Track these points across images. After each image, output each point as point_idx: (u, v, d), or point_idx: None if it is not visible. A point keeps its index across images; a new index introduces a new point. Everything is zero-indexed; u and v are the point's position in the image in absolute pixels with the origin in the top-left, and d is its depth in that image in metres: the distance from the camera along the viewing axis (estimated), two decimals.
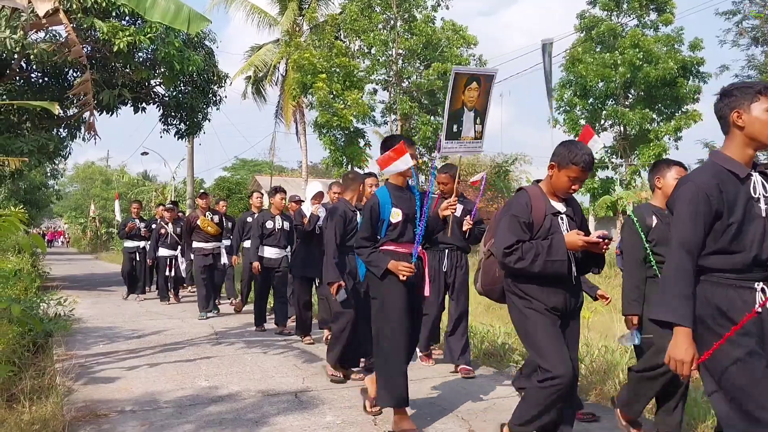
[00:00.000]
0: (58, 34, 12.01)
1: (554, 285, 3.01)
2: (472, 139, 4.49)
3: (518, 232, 2.99)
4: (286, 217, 7.60)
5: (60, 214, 54.53)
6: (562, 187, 3.06)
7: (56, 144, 12.50)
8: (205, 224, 8.69)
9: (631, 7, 20.75)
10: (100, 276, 17.31)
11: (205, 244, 8.78)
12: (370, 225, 3.87)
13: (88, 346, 6.47)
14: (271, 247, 7.49)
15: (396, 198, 3.92)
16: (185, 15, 4.58)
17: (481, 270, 3.37)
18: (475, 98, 4.37)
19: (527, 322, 3.03)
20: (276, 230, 7.48)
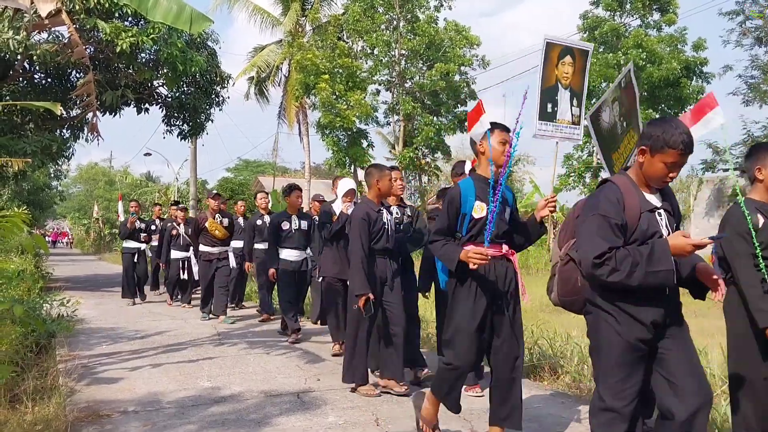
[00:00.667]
0: (61, 35, 12.03)
1: (653, 296, 2.48)
2: (569, 124, 4.00)
3: (610, 236, 2.45)
4: (304, 216, 7.19)
5: (63, 215, 54.65)
6: (656, 176, 2.52)
7: (59, 145, 12.51)
8: (213, 227, 8.27)
9: (634, 8, 20.70)
10: (103, 277, 17.34)
11: (211, 248, 8.41)
12: (448, 218, 3.43)
13: (91, 347, 6.47)
14: (289, 249, 6.99)
15: (481, 190, 3.41)
16: (187, 15, 4.58)
17: (557, 278, 2.86)
18: (570, 75, 3.95)
19: (610, 351, 2.51)
20: (293, 231, 6.98)
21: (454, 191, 3.47)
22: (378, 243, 4.66)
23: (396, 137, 22.21)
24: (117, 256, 28.66)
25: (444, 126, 21.09)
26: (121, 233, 10.97)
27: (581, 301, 2.70)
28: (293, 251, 7.00)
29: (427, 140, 20.56)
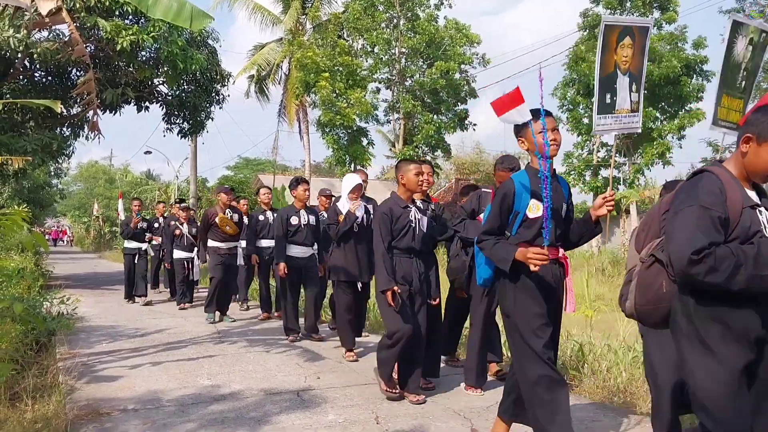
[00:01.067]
0: (61, 33, 12.03)
1: (760, 305, 2.14)
2: (627, 112, 3.74)
3: (710, 231, 2.10)
4: (311, 211, 6.95)
5: (63, 213, 54.66)
6: (763, 169, 2.21)
7: (59, 143, 12.52)
8: (224, 223, 8.10)
9: (634, 6, 20.68)
10: (103, 275, 17.34)
11: (221, 243, 8.20)
12: (499, 216, 3.11)
13: (90, 345, 6.48)
14: (297, 245, 6.75)
15: (537, 186, 3.06)
16: (187, 12, 4.58)
17: (635, 283, 2.44)
18: (630, 58, 3.68)
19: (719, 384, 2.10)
20: (302, 226, 6.75)
21: (508, 185, 3.13)
22: (401, 241, 4.36)
23: (396, 135, 22.21)
24: (117, 254, 28.64)
25: (444, 124, 21.08)
26: (124, 233, 10.70)
27: (664, 311, 2.33)
28: (300, 247, 6.77)
29: (427, 138, 20.54)
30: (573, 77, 21.42)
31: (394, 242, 4.34)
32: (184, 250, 9.75)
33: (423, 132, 20.55)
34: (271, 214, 8.19)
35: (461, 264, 4.63)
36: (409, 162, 4.56)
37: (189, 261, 9.70)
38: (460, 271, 4.65)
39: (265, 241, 8.28)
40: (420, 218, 4.44)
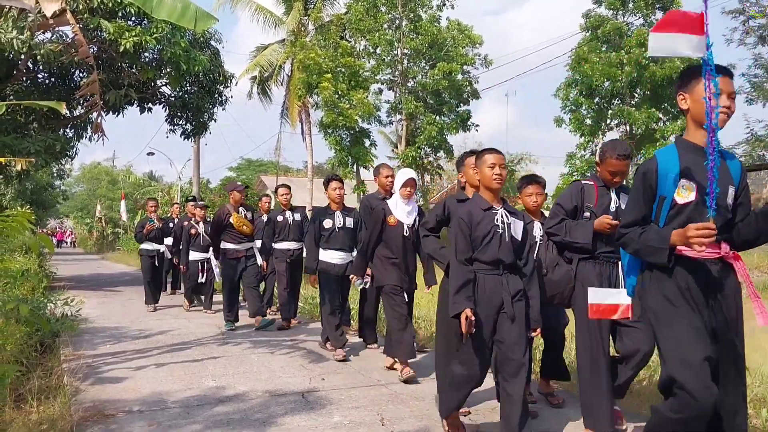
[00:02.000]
0: (64, 35, 12.06)
1: None
2: None
3: None
4: (348, 213, 6.24)
5: (66, 215, 54.77)
6: None
7: (63, 144, 12.54)
8: (240, 223, 7.51)
9: (636, 6, 20.64)
10: (106, 276, 17.37)
11: (237, 245, 7.61)
12: (642, 203, 2.57)
13: (95, 346, 6.47)
14: (333, 250, 6.06)
15: (689, 163, 2.48)
16: (192, 13, 4.58)
17: None
18: None
19: None
20: (337, 230, 6.07)
21: (649, 164, 2.56)
22: (485, 253, 3.36)
23: (398, 136, 22.20)
24: (120, 255, 28.76)
25: (446, 125, 21.07)
26: (137, 236, 10.15)
27: None
28: (337, 252, 6.08)
29: (429, 139, 20.54)
30: (575, 78, 21.40)
31: (476, 254, 3.36)
32: (200, 250, 9.29)
33: (425, 133, 20.55)
34: (290, 214, 7.79)
35: (564, 274, 3.71)
36: (483, 153, 3.51)
37: (205, 262, 9.24)
38: (563, 283, 3.73)
39: (285, 244, 7.75)
40: (510, 222, 3.42)
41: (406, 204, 5.17)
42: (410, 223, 5.19)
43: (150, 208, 10.09)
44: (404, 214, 5.17)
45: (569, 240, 3.39)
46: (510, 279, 3.37)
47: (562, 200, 3.77)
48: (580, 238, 3.29)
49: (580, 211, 3.69)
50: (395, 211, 5.19)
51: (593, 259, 3.59)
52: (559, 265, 3.75)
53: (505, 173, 3.40)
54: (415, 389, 4.72)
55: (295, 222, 7.76)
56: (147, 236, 9.82)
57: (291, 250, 7.72)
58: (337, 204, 6.16)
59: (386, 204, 5.25)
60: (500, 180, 3.38)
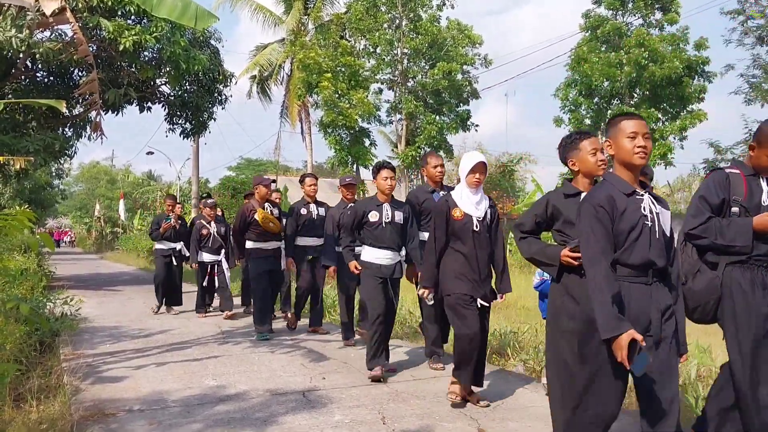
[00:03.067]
0: (63, 34, 12.03)
1: None
2: None
3: None
4: (398, 206, 5.28)
5: (65, 214, 54.74)
6: None
7: (62, 143, 12.52)
8: (267, 220, 6.88)
9: (636, 7, 20.65)
10: (105, 275, 17.36)
11: (264, 243, 7.01)
12: None
13: (94, 346, 6.46)
14: (379, 248, 5.14)
15: None
16: (192, 12, 4.57)
17: None
18: None
19: None
20: (384, 224, 5.13)
21: None
22: (632, 253, 2.57)
23: (398, 136, 22.18)
24: (119, 255, 28.72)
25: (446, 125, 21.07)
26: (152, 234, 9.46)
27: None
28: (384, 251, 5.14)
29: (429, 139, 20.53)
30: (575, 78, 21.41)
31: (619, 255, 2.56)
32: (211, 252, 8.71)
33: (425, 133, 20.53)
34: (315, 208, 7.12)
35: (708, 283, 3.02)
36: (618, 121, 2.69)
37: (216, 264, 8.74)
38: (707, 293, 3.02)
39: (309, 239, 7.05)
40: (658, 212, 2.64)
41: (473, 193, 4.28)
42: (480, 215, 4.26)
43: (168, 206, 9.43)
44: (472, 206, 4.26)
45: (723, 243, 2.81)
46: (658, 290, 2.60)
47: (706, 193, 3.05)
48: (738, 240, 2.73)
49: (728, 205, 3.04)
50: (461, 202, 4.27)
51: (743, 263, 2.95)
52: (701, 271, 3.05)
53: (650, 145, 2.63)
54: (416, 388, 4.71)
55: (320, 216, 7.05)
56: (163, 235, 9.26)
57: (313, 247, 7.03)
58: (386, 195, 5.22)
59: (450, 195, 4.36)
60: (644, 154, 2.59)
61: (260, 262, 7.01)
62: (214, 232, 8.66)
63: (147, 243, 25.12)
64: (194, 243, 8.76)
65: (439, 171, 5.52)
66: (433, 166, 5.47)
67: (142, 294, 12.07)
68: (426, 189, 5.58)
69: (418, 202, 5.50)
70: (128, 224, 34.18)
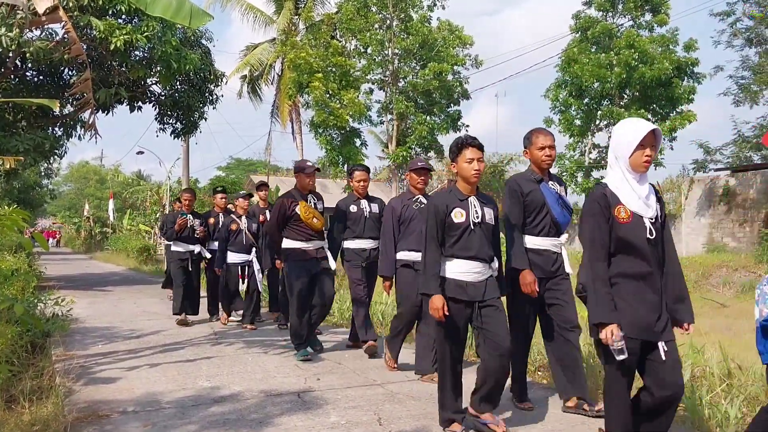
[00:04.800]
0: (54, 32, 11.95)
1: None
2: None
3: None
4: (487, 201, 3.76)
5: (53, 214, 54.31)
6: None
7: (52, 143, 12.44)
8: (309, 214, 5.74)
9: (626, 8, 20.80)
10: (95, 276, 17.25)
11: (306, 243, 5.77)
12: None
13: (86, 347, 6.42)
14: (465, 259, 3.61)
15: None
16: (186, 10, 4.55)
17: None
18: None
19: None
20: (472, 227, 3.63)
21: None
22: None
23: (389, 136, 22.18)
24: (108, 255, 28.54)
25: (437, 125, 21.10)
26: (166, 233, 8.22)
27: None
28: (472, 263, 3.64)
29: (420, 139, 20.55)
30: (565, 79, 21.52)
31: None
32: (241, 251, 7.68)
33: (416, 133, 20.56)
34: (367, 204, 6.02)
35: None
36: None
37: (247, 266, 7.74)
38: None
39: (360, 242, 5.97)
40: None
41: (640, 182, 2.93)
42: (652, 216, 2.93)
43: (185, 201, 8.24)
44: (641, 203, 2.91)
45: None
46: None
47: None
48: None
49: None
50: (626, 197, 2.93)
51: None
52: None
53: None
54: (411, 388, 4.72)
55: (373, 215, 6.01)
56: (179, 234, 8.01)
57: (367, 250, 5.95)
58: (471, 186, 3.71)
59: (605, 188, 2.97)
60: None
61: (300, 266, 5.76)
62: (245, 228, 7.65)
63: (137, 243, 25.04)
64: (221, 242, 7.68)
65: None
66: (539, 147, 4.19)
67: (133, 294, 12.03)
68: (530, 177, 4.25)
69: (521, 192, 4.15)
70: (118, 224, 33.97)
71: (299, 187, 5.93)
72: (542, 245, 4.08)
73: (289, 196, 5.90)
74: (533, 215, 4.09)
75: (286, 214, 5.78)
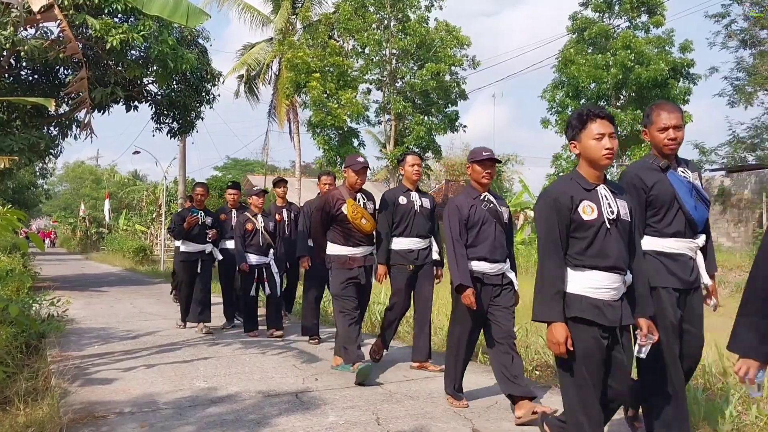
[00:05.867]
0: (49, 31, 11.89)
1: None
2: None
3: None
4: (617, 191, 2.95)
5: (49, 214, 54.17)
6: None
7: (47, 142, 12.39)
8: (358, 215, 4.97)
9: (622, 9, 20.85)
10: (91, 276, 17.17)
11: (353, 249, 5.04)
12: None
13: (82, 347, 6.38)
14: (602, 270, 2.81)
15: None
16: (184, 9, 4.52)
17: None
18: None
19: None
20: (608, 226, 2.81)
21: None
22: None
23: (387, 136, 22.19)
24: (104, 255, 28.46)
25: (435, 125, 21.13)
26: (175, 231, 7.50)
27: None
28: (609, 274, 2.89)
29: (417, 140, 20.58)
30: (562, 80, 21.55)
31: None
32: (257, 252, 7.00)
33: (413, 133, 20.58)
34: (417, 197, 5.23)
35: None
36: None
37: (264, 268, 7.07)
38: None
39: (407, 241, 5.17)
40: None
41: None
42: None
43: (197, 196, 7.49)
44: None
45: None
46: None
47: None
48: None
49: None
50: None
51: None
52: None
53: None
54: (409, 388, 4.70)
55: (424, 209, 5.23)
56: (188, 232, 7.34)
57: (415, 251, 5.19)
58: (599, 173, 2.93)
59: None
60: None
61: (345, 275, 5.02)
62: (262, 227, 7.02)
63: (133, 243, 24.96)
64: (238, 243, 7.05)
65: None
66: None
67: (129, 295, 11.98)
68: (651, 164, 3.45)
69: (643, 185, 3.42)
70: (114, 224, 33.86)
71: (348, 185, 5.15)
72: (676, 248, 3.26)
73: (336, 192, 5.17)
74: (662, 213, 3.27)
75: (330, 214, 5.07)
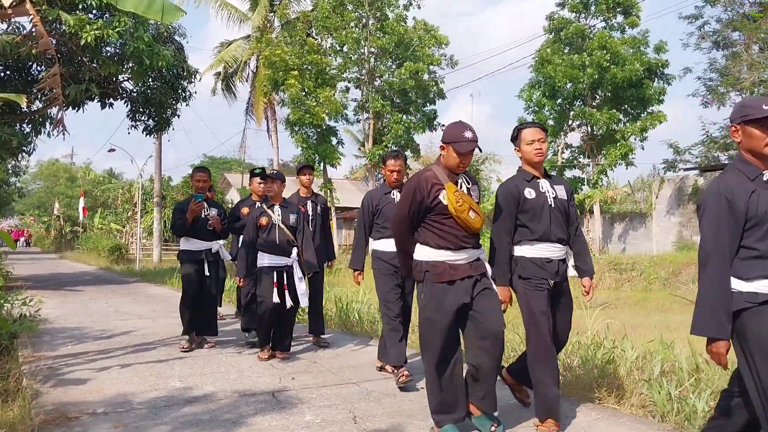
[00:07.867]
0: (21, 26, 11.68)
1: None
2: None
3: None
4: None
5: (22, 212, 53.16)
6: None
7: (20, 140, 12.17)
8: (463, 205, 3.41)
9: (598, 10, 21.08)
10: (65, 275, 16.92)
11: (454, 253, 3.43)
12: None
13: (55, 348, 6.29)
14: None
15: None
16: (159, 5, 4.47)
17: None
18: None
19: None
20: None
21: None
22: None
23: (365, 135, 22.20)
24: (79, 254, 28.02)
25: (413, 124, 21.17)
26: (176, 227, 6.26)
27: None
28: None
29: (396, 138, 20.61)
30: (539, 79, 21.72)
31: None
32: (275, 252, 5.63)
33: (392, 132, 20.60)
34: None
35: None
36: None
37: (284, 271, 5.66)
38: None
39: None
40: None
41: None
42: None
43: (198, 184, 6.31)
44: None
45: None
46: None
47: None
48: None
49: None
50: None
51: None
52: None
53: None
54: (386, 387, 4.71)
55: None
56: (192, 224, 6.17)
57: None
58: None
59: None
60: None
61: (444, 292, 3.42)
62: (279, 221, 5.63)
63: (108, 242, 24.63)
64: (247, 243, 5.77)
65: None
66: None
67: (104, 294, 11.83)
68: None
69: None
70: (88, 223, 33.38)
71: (447, 166, 3.53)
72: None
73: (429, 173, 3.55)
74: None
75: (422, 204, 3.48)
